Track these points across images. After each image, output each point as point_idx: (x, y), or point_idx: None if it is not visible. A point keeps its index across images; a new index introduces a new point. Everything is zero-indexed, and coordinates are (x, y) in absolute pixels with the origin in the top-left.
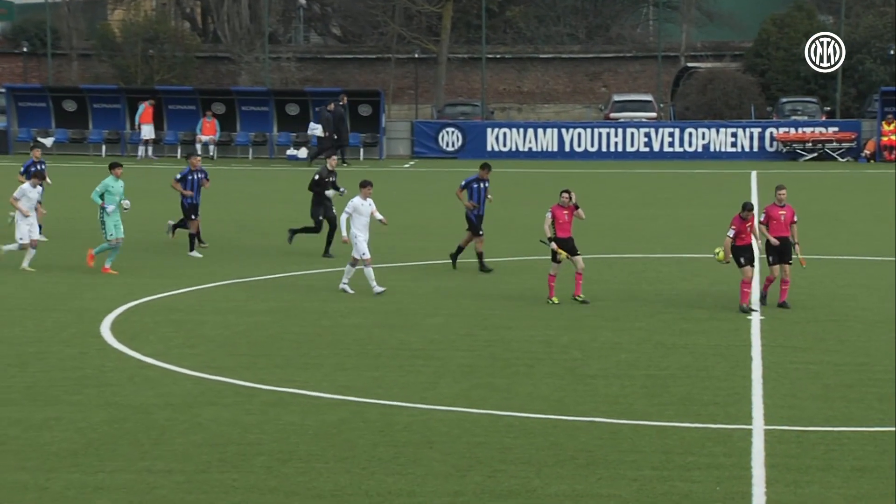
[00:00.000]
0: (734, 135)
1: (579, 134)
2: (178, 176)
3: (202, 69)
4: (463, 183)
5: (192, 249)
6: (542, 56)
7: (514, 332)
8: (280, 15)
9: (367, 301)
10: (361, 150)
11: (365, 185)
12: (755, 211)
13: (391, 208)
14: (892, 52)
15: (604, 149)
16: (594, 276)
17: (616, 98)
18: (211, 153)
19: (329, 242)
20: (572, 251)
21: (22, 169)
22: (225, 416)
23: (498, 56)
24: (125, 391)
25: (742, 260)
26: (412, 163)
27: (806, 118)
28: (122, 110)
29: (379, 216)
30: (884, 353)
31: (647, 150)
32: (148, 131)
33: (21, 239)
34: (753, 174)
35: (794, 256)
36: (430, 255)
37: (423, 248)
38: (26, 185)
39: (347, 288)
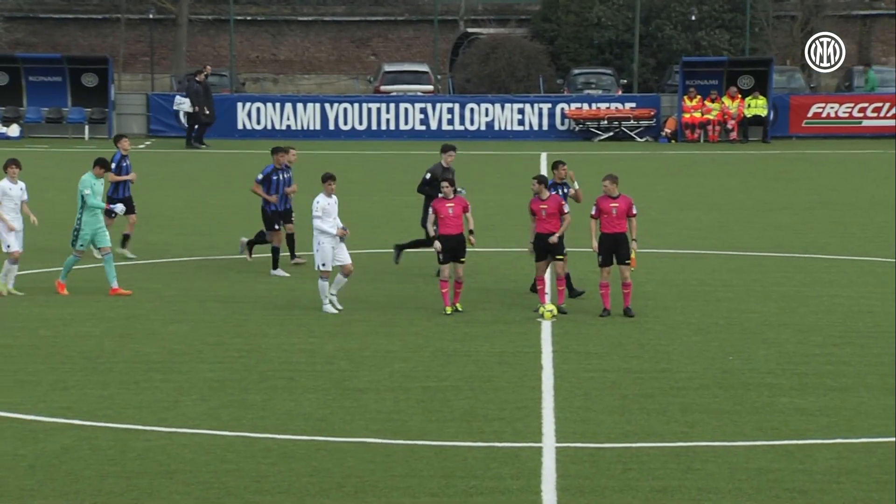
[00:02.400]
0: (521, 111)
1: (345, 109)
2: (260, 177)
3: None
4: None
5: (275, 267)
6: (300, 19)
7: (271, 341)
8: None
9: (95, 305)
10: (87, 127)
11: (328, 178)
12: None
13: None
14: (693, 18)
15: (374, 126)
16: (360, 274)
17: (387, 68)
18: None
19: (415, 246)
20: (457, 253)
21: (112, 165)
22: None
23: (249, 18)
24: None
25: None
26: (148, 143)
27: (600, 92)
28: None
29: (339, 223)
30: (686, 357)
31: (423, 128)
32: None
33: (9, 247)
34: (543, 156)
35: (631, 255)
36: (172, 251)
37: (164, 242)
38: (4, 182)
39: (333, 306)
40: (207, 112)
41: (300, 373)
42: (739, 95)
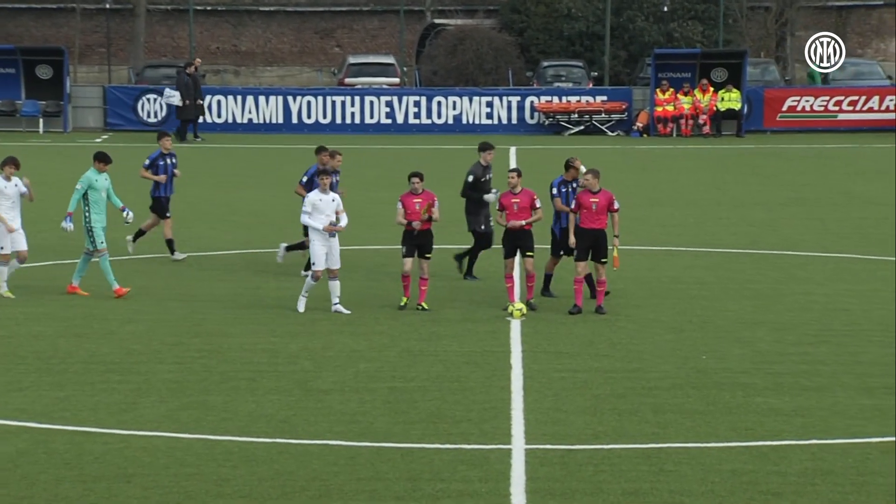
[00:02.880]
0: (489, 104)
1: (309, 102)
2: (304, 179)
3: None
4: (554, 191)
5: (289, 249)
6: (262, 9)
7: (232, 340)
8: None
9: (50, 305)
10: (41, 120)
11: (321, 174)
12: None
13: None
14: (665, 9)
15: (338, 120)
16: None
17: (352, 60)
18: None
19: (473, 261)
20: (423, 249)
21: (147, 162)
22: None
23: (209, 8)
24: None
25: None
26: (105, 137)
27: (571, 85)
28: None
29: (342, 221)
30: (658, 356)
31: (388, 122)
32: None
33: (2, 249)
34: (512, 150)
35: (609, 252)
36: (126, 249)
37: (121, 239)
38: (3, 179)
39: (301, 305)
40: (200, 103)
41: (262, 373)
42: (711, 88)
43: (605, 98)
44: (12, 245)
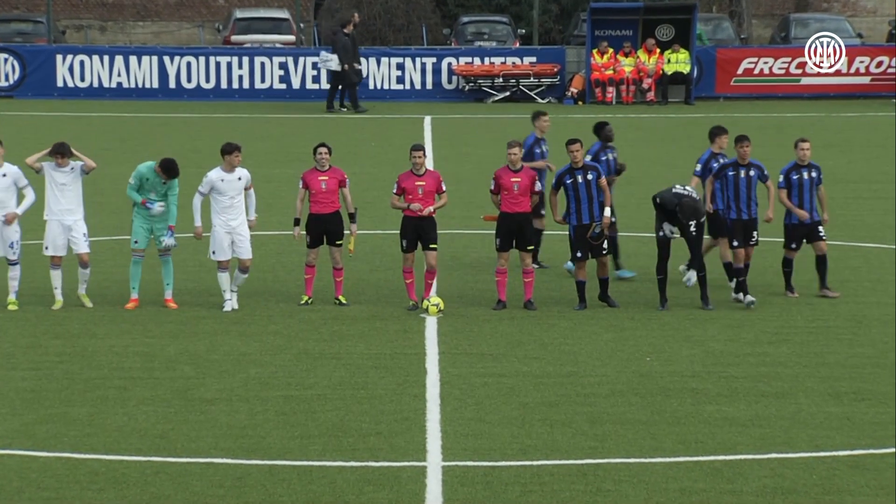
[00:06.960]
0: (400, 66)
1: (189, 64)
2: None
3: None
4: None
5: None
6: None
7: (99, 342)
8: None
9: None
10: None
11: (231, 150)
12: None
13: None
14: None
15: (223, 84)
16: (209, 264)
17: (239, 14)
18: None
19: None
20: (332, 235)
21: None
22: None
23: None
24: None
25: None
26: None
27: (494, 44)
28: None
29: (249, 198)
30: (596, 358)
31: (283, 86)
32: None
33: (47, 249)
34: (427, 120)
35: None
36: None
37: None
38: (49, 163)
39: (228, 305)
40: (358, 68)
41: (135, 381)
42: (657, 49)
43: (533, 60)
44: (76, 247)
